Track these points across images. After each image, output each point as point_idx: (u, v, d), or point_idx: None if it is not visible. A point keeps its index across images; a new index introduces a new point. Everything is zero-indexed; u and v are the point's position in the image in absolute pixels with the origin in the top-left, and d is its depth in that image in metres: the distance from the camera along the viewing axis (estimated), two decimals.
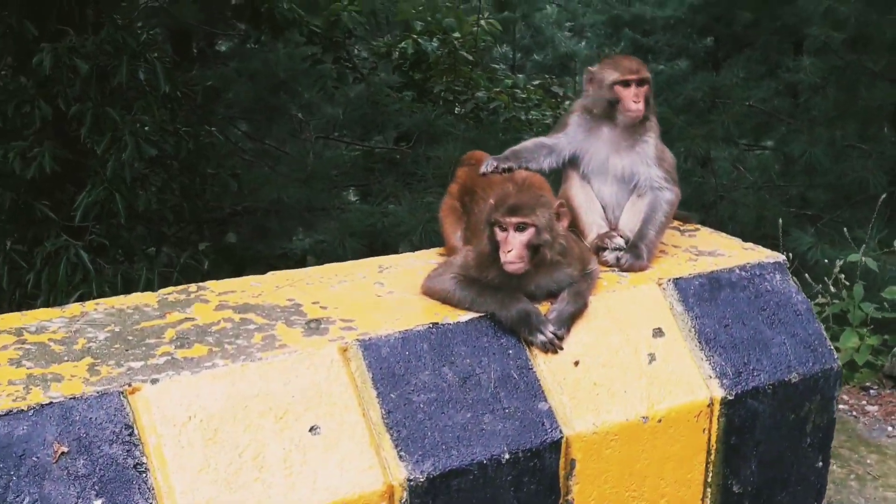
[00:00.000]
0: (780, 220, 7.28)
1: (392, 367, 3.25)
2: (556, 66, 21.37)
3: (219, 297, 3.55)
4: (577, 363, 3.53)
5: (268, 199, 9.71)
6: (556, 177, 4.17)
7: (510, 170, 4.00)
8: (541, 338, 3.47)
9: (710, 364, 3.75)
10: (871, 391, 6.18)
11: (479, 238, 3.65)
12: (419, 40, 13.51)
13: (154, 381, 2.95)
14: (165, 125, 8.61)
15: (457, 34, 13.79)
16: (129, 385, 2.92)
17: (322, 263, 9.62)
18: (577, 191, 4.12)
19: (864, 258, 6.86)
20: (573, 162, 4.15)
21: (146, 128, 8.05)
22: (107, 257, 8.49)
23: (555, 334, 3.49)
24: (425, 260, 4.02)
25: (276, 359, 3.11)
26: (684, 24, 16.56)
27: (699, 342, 3.78)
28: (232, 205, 9.88)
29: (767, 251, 4.23)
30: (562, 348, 3.52)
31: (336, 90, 12.03)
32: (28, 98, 8.01)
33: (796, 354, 3.93)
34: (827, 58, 11.44)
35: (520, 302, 3.49)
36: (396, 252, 4.79)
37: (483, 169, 4.00)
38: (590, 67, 4.13)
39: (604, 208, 4.15)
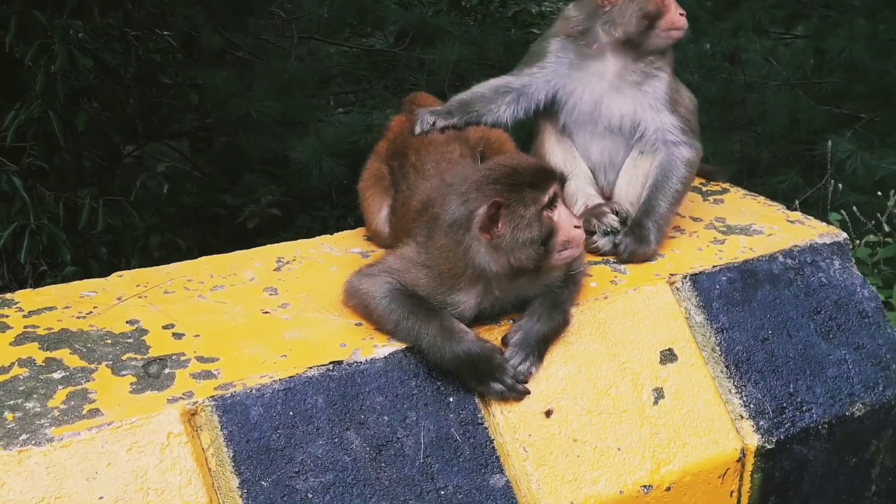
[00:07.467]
0: (830, 143, 6.06)
1: (266, 437, 2.17)
2: None
3: (26, 318, 2.44)
4: (549, 413, 2.44)
5: (237, 112, 8.50)
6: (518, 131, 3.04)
7: (455, 127, 2.87)
8: (496, 387, 2.37)
9: (741, 399, 2.66)
10: None
11: (419, 238, 2.52)
12: None
13: None
14: (111, 30, 7.41)
15: None
16: None
17: (294, 187, 8.62)
18: (555, 148, 2.98)
19: None
20: (550, 109, 3.01)
21: (80, 34, 6.83)
22: (48, 183, 7.42)
23: (515, 378, 2.39)
24: (344, 249, 2.89)
25: (77, 438, 2.03)
26: None
27: (727, 367, 2.69)
28: (198, 119, 8.67)
29: (821, 225, 3.09)
30: (528, 392, 2.42)
31: None
32: None
33: (861, 376, 2.83)
34: None
35: (461, 341, 2.34)
36: None
37: (417, 127, 2.86)
38: None
39: (592, 171, 3.02)
